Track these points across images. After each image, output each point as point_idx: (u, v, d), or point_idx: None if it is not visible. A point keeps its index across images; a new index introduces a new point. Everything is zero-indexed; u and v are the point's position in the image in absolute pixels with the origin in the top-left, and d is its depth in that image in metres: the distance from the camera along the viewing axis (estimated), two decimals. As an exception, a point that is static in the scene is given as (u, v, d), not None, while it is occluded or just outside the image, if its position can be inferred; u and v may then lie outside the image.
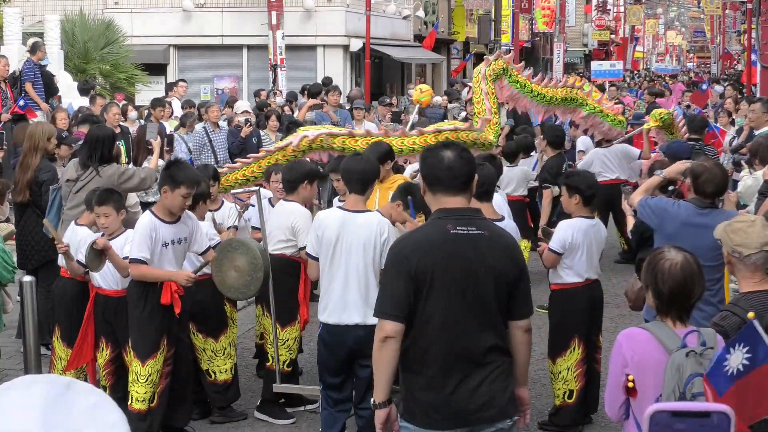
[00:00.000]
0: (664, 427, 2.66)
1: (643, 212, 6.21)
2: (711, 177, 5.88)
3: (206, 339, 7.20)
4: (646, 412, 2.69)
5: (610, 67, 34.53)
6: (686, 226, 5.85)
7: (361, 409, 6.07)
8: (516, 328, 4.21)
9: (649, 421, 2.67)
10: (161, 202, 6.45)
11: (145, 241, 6.32)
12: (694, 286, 3.86)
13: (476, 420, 4.08)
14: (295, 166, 7.47)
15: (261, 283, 6.68)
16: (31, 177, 8.53)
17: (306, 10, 27.71)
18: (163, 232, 6.41)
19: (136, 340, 6.49)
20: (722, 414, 2.67)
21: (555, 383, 7.08)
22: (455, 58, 39.71)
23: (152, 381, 6.44)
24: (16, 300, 8.56)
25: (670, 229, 5.93)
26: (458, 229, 4.08)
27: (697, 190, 5.94)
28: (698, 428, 2.66)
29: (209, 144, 13.07)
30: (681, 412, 2.67)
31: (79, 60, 20.84)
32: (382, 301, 4.14)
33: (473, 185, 4.22)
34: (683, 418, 2.67)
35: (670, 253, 3.92)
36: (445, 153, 4.16)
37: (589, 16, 61.23)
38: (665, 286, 3.85)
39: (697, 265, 3.90)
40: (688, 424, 2.67)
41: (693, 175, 5.98)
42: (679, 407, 2.70)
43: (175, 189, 6.32)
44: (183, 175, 6.35)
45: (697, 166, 6.08)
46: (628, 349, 3.83)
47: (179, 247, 6.55)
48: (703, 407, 2.87)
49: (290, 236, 7.11)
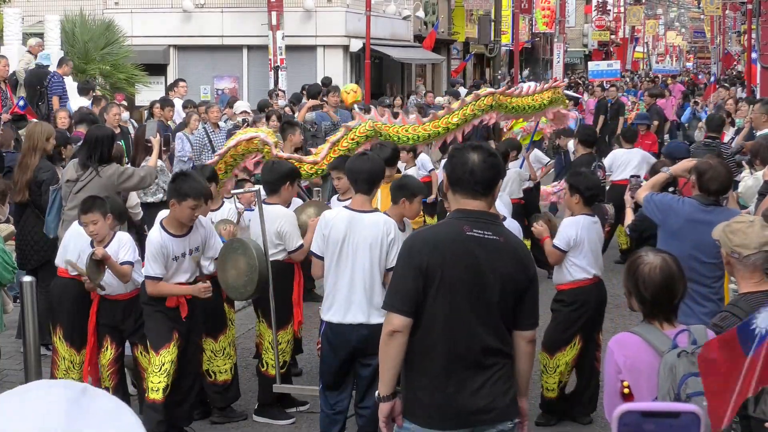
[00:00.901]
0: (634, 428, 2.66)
1: (648, 207, 6.22)
2: (715, 175, 5.91)
3: (206, 339, 7.19)
4: (615, 412, 2.70)
5: (608, 67, 34.52)
6: (690, 222, 5.88)
7: (362, 408, 6.08)
8: (520, 339, 4.20)
9: (618, 422, 2.67)
10: (171, 215, 6.47)
11: (157, 258, 6.35)
12: (676, 286, 3.87)
13: (477, 421, 4.08)
14: (275, 168, 7.37)
15: (257, 284, 6.68)
16: (31, 177, 8.53)
17: (306, 10, 27.70)
18: (173, 247, 6.43)
19: (150, 331, 6.54)
20: (691, 414, 2.67)
21: (550, 376, 7.13)
22: (455, 59, 39.70)
23: (166, 370, 6.45)
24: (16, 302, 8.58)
25: (674, 226, 5.97)
26: (474, 232, 4.08)
27: (701, 187, 5.97)
28: (667, 428, 2.66)
29: (209, 144, 13.06)
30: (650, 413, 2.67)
31: (79, 60, 20.81)
32: (392, 295, 4.16)
33: (497, 190, 4.21)
34: (652, 419, 2.68)
35: (648, 256, 3.92)
36: (471, 155, 4.13)
37: (589, 16, 61.22)
38: (647, 291, 3.86)
39: (676, 264, 3.91)
40: (657, 425, 2.67)
41: (698, 172, 6.01)
42: (648, 407, 2.71)
43: (182, 201, 6.34)
44: (189, 187, 6.36)
45: (702, 163, 6.11)
46: (619, 356, 3.84)
47: (191, 257, 6.58)
48: (672, 407, 2.88)
49: (278, 241, 7.09)
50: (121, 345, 6.87)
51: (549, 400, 7.17)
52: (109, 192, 7.56)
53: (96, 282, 6.61)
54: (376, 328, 4.21)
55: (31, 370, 7.77)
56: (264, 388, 7.28)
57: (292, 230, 7.07)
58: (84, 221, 6.72)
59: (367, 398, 5.99)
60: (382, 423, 4.24)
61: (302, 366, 8.26)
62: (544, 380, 7.17)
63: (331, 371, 6.07)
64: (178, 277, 6.53)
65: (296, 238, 7.07)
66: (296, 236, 7.08)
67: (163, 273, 6.40)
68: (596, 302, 7.16)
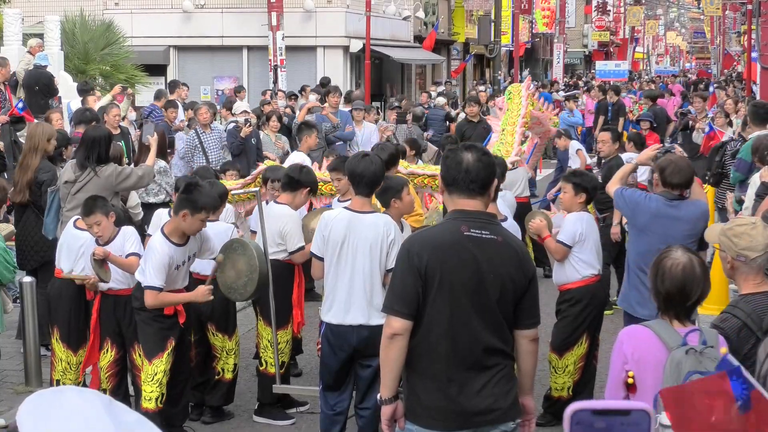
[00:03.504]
0: (586, 426, 2.66)
1: (618, 202, 6.57)
2: (676, 169, 6.26)
3: (224, 337, 7.30)
4: (567, 411, 2.71)
5: (615, 67, 34.54)
6: (657, 217, 6.25)
7: (362, 409, 6.08)
8: (522, 338, 4.19)
9: (570, 420, 2.67)
10: (176, 225, 6.39)
11: (161, 269, 6.30)
12: (693, 288, 3.88)
13: (480, 422, 4.08)
14: (304, 171, 7.39)
15: (257, 285, 6.67)
16: (31, 177, 8.53)
17: (306, 11, 27.70)
18: (177, 256, 6.42)
19: (143, 340, 6.52)
20: (642, 411, 2.67)
21: (559, 377, 7.11)
22: (455, 59, 39.70)
23: (158, 380, 6.44)
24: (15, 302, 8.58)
25: (642, 221, 6.35)
26: (472, 232, 4.07)
27: (665, 182, 6.31)
28: (618, 426, 2.66)
29: (200, 146, 13.02)
30: (601, 410, 2.68)
31: (79, 61, 20.82)
32: (391, 298, 4.15)
33: (492, 190, 4.21)
34: (604, 416, 2.68)
35: (676, 253, 3.96)
36: (465, 155, 4.14)
37: (589, 17, 61.19)
38: (663, 285, 3.90)
39: (701, 268, 3.92)
40: (608, 422, 2.67)
41: (659, 169, 6.37)
42: (599, 405, 2.71)
43: (196, 214, 6.32)
44: (204, 201, 6.35)
45: (663, 160, 6.43)
46: (628, 346, 3.87)
47: (188, 264, 6.60)
48: (622, 405, 2.89)
49: (280, 240, 7.09)
50: (122, 348, 6.86)
51: (559, 400, 7.13)
52: (107, 192, 7.55)
53: (106, 280, 6.64)
54: (376, 329, 4.21)
55: (31, 370, 7.79)
56: (264, 388, 7.28)
57: (295, 231, 7.07)
58: (88, 223, 6.71)
59: (367, 399, 5.99)
60: (384, 426, 4.23)
61: (302, 366, 8.26)
62: (554, 380, 7.15)
63: (331, 372, 6.06)
64: (176, 284, 6.52)
65: (298, 240, 7.07)
66: (298, 237, 7.08)
67: (164, 284, 6.36)
68: (601, 299, 7.17)
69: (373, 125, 15.60)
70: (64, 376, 7.04)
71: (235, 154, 13.40)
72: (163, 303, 6.40)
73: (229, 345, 7.32)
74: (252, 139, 13.60)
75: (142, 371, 6.53)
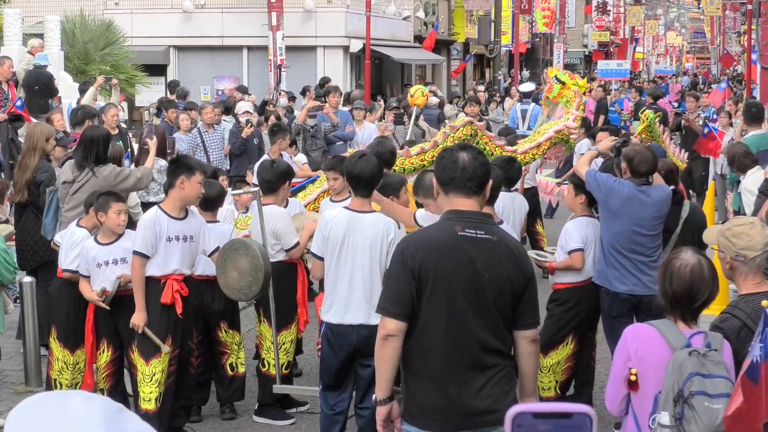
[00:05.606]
0: (528, 429, 2.66)
1: (591, 183, 6.87)
2: (643, 159, 6.71)
3: (234, 333, 7.38)
4: (508, 413, 2.71)
5: (617, 67, 34.51)
6: (628, 201, 6.70)
7: (362, 408, 6.08)
8: (522, 338, 4.17)
9: (512, 423, 2.68)
10: (176, 195, 6.50)
11: (149, 237, 6.39)
12: (701, 290, 3.89)
13: (479, 423, 4.06)
14: (274, 167, 7.36)
15: (262, 284, 6.67)
16: (30, 177, 8.52)
17: (306, 11, 27.71)
18: (170, 227, 6.45)
19: (140, 340, 6.50)
20: (583, 414, 2.67)
21: (544, 375, 7.12)
22: (455, 59, 39.70)
23: (157, 380, 6.44)
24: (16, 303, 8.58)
25: (615, 205, 6.73)
26: (467, 232, 4.06)
27: (633, 171, 6.76)
28: (560, 429, 2.66)
29: (202, 145, 13.03)
30: (542, 413, 2.68)
31: (80, 61, 20.84)
32: (385, 299, 4.14)
33: (487, 189, 4.20)
34: (545, 419, 2.68)
35: (686, 254, 3.97)
36: (460, 154, 4.15)
37: (589, 17, 61.18)
38: (671, 285, 3.91)
39: (710, 270, 3.92)
40: (549, 425, 2.67)
41: (626, 159, 6.82)
42: (540, 408, 2.71)
43: (192, 176, 6.43)
44: (195, 162, 6.61)
45: (629, 150, 6.89)
46: (632, 344, 3.89)
47: (186, 245, 6.57)
48: (563, 408, 2.88)
49: (275, 241, 7.09)
50: (119, 348, 6.85)
51: (546, 400, 7.15)
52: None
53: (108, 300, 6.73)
54: (376, 329, 4.19)
55: (30, 370, 7.79)
56: (264, 389, 7.28)
57: (287, 228, 7.07)
58: (116, 210, 6.69)
59: (367, 399, 5.99)
60: (379, 426, 4.22)
61: (302, 366, 8.26)
62: (540, 379, 7.15)
63: (331, 372, 6.06)
64: (172, 264, 6.50)
65: (292, 236, 7.08)
66: (292, 234, 7.09)
67: (150, 252, 6.41)
68: (591, 302, 7.09)
69: (373, 125, 15.58)
70: (61, 375, 7.03)
71: (237, 154, 13.42)
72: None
73: (239, 338, 7.41)
74: (254, 140, 13.61)
75: (139, 372, 6.52)
